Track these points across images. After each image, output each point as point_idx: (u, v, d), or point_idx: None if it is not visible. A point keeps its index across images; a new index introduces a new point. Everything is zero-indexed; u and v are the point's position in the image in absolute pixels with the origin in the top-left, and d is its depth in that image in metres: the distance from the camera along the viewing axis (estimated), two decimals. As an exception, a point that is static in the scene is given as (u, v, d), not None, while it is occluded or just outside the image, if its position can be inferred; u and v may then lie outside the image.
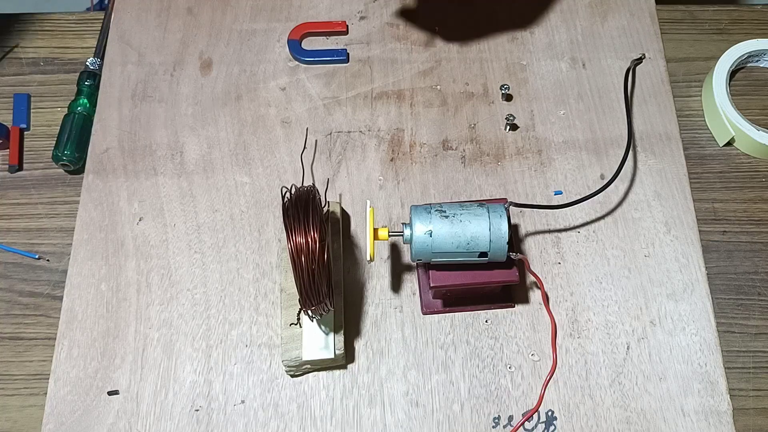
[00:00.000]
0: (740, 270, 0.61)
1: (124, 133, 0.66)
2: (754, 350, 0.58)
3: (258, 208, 0.63)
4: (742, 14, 0.73)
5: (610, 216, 0.62)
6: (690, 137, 0.67)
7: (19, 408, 0.57)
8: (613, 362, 0.57)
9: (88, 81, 0.68)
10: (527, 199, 0.63)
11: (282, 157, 0.65)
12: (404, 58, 0.70)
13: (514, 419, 0.55)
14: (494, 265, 0.53)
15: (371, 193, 0.63)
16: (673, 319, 0.58)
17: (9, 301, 0.60)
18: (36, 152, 0.67)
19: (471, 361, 0.57)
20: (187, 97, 0.68)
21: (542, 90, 0.68)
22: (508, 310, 0.59)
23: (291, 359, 0.54)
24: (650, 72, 0.69)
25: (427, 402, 0.55)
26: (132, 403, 0.55)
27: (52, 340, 0.58)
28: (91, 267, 0.60)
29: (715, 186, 0.65)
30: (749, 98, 0.69)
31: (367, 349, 0.57)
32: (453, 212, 0.51)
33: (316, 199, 0.49)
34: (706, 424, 0.54)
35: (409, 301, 0.59)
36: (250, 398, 0.56)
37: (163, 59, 0.70)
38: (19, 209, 0.64)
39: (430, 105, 0.67)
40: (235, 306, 0.59)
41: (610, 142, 0.65)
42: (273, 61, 0.69)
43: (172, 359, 0.57)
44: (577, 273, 0.60)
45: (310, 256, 0.46)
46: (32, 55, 0.71)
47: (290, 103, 0.67)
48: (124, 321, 0.58)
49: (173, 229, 0.62)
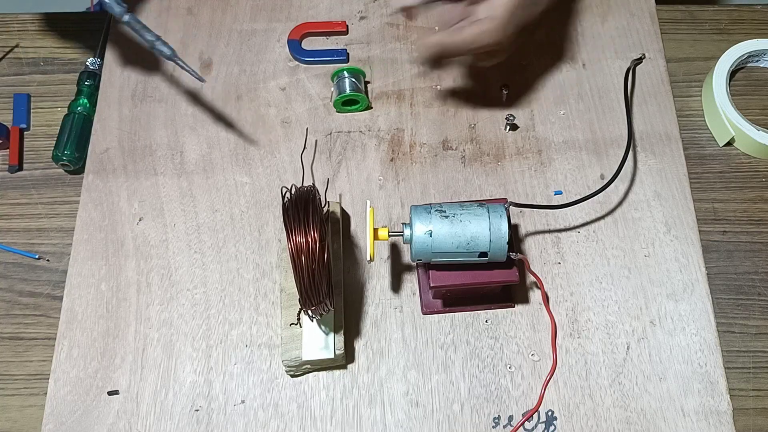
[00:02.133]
0: (740, 270, 0.61)
1: (124, 133, 0.66)
2: (754, 350, 0.58)
3: (258, 208, 0.63)
4: (742, 14, 0.73)
5: (610, 216, 0.62)
6: (690, 137, 0.67)
7: (19, 408, 0.57)
8: (613, 362, 0.57)
9: (88, 81, 0.68)
10: (527, 199, 0.63)
11: (282, 157, 0.65)
12: (404, 58, 0.70)
13: (514, 419, 0.55)
14: (494, 265, 0.53)
15: (371, 193, 0.63)
16: (673, 319, 0.58)
17: (9, 301, 0.60)
18: (36, 152, 0.67)
19: (471, 361, 0.57)
20: (187, 97, 0.68)
21: (542, 90, 0.68)
22: (508, 310, 0.59)
23: (291, 359, 0.54)
24: (650, 72, 0.69)
25: (427, 402, 0.55)
26: (132, 403, 0.55)
27: (52, 340, 0.58)
28: (91, 267, 0.60)
29: (715, 186, 0.65)
30: (749, 98, 0.69)
31: (367, 349, 0.57)
32: (453, 212, 0.51)
33: (316, 199, 0.49)
34: (706, 424, 0.54)
35: (409, 301, 0.59)
36: (250, 398, 0.56)
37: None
38: (19, 209, 0.64)
39: (430, 105, 0.67)
40: (235, 306, 0.59)
41: (610, 142, 0.65)
42: (273, 61, 0.69)
43: (172, 359, 0.57)
44: (577, 273, 0.60)
45: (310, 256, 0.46)
46: (32, 55, 0.71)
47: (290, 103, 0.67)
48: (124, 321, 0.58)
49: (173, 229, 0.62)
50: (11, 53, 0.71)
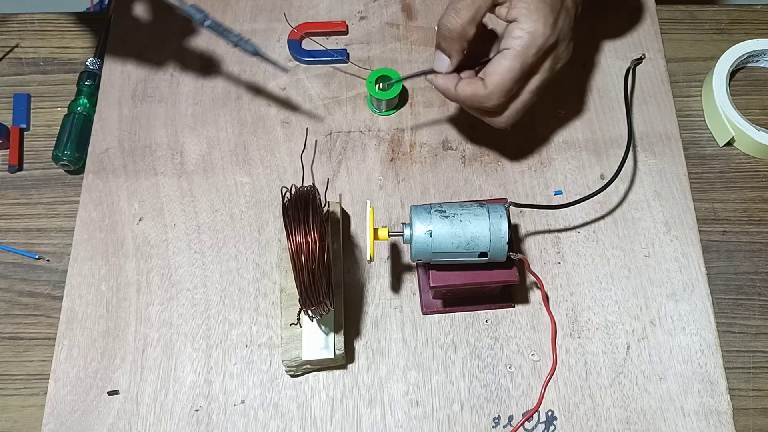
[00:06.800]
0: (740, 270, 0.61)
1: (124, 133, 0.66)
2: (754, 350, 0.58)
3: (258, 208, 0.63)
4: (742, 14, 0.73)
5: (610, 216, 0.62)
6: (690, 137, 0.67)
7: (19, 408, 0.57)
8: (613, 362, 0.57)
9: (88, 81, 0.68)
10: (527, 199, 0.63)
11: (282, 157, 0.65)
12: (404, 58, 0.70)
13: (514, 419, 0.55)
14: (494, 265, 0.53)
15: (371, 193, 0.63)
16: (673, 319, 0.58)
17: (9, 301, 0.60)
18: (36, 152, 0.67)
19: (471, 361, 0.57)
20: (187, 97, 0.68)
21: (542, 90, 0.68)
22: (508, 310, 0.59)
23: (291, 359, 0.54)
24: (650, 72, 0.69)
25: (427, 402, 0.55)
26: (132, 403, 0.55)
27: (52, 340, 0.58)
28: (91, 267, 0.60)
29: (715, 186, 0.65)
30: (749, 98, 0.69)
31: (367, 349, 0.57)
32: (453, 212, 0.51)
33: (316, 199, 0.49)
34: (706, 424, 0.54)
35: (409, 301, 0.59)
36: (250, 398, 0.56)
37: (163, 59, 0.69)
38: (19, 209, 0.64)
39: (430, 105, 0.67)
40: (235, 306, 0.59)
41: (610, 142, 0.65)
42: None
43: (172, 359, 0.57)
44: (577, 273, 0.60)
45: (310, 256, 0.46)
46: (32, 55, 0.71)
47: (290, 103, 0.67)
48: (124, 321, 0.58)
49: (173, 229, 0.62)
50: (11, 53, 0.71)
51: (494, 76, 0.54)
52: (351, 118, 0.67)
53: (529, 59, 0.53)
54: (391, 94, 0.64)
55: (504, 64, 0.53)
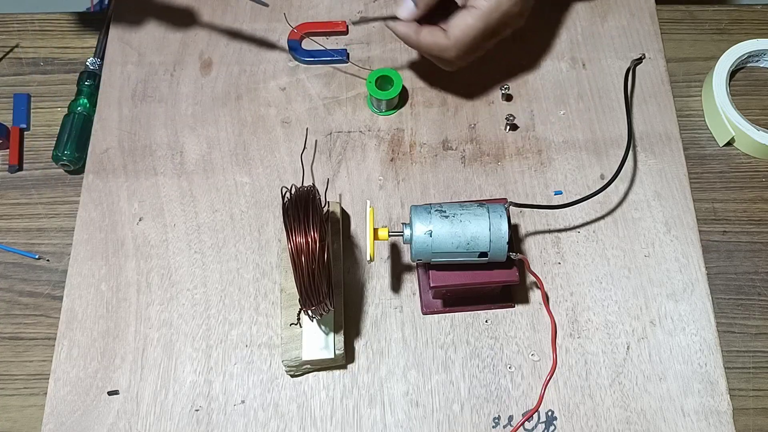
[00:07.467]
0: (740, 270, 0.61)
1: (124, 133, 0.66)
2: (754, 350, 0.58)
3: (258, 208, 0.63)
4: (742, 14, 0.73)
5: (610, 216, 0.62)
6: (690, 137, 0.67)
7: (19, 408, 0.57)
8: (613, 362, 0.57)
9: (88, 81, 0.68)
10: (527, 199, 0.63)
11: (282, 157, 0.65)
12: (404, 58, 0.70)
13: (514, 419, 0.55)
14: (494, 265, 0.53)
15: (371, 193, 0.63)
16: (673, 319, 0.58)
17: (9, 301, 0.60)
18: (36, 152, 0.67)
19: (471, 361, 0.57)
20: (187, 97, 0.68)
21: (542, 90, 0.68)
22: (508, 310, 0.59)
23: (291, 359, 0.54)
24: (650, 72, 0.69)
25: (427, 402, 0.55)
26: (132, 403, 0.55)
27: (52, 340, 0.58)
28: (91, 267, 0.60)
29: (715, 186, 0.65)
30: (749, 98, 0.69)
31: (367, 349, 0.57)
32: (453, 212, 0.51)
33: (316, 199, 0.49)
34: (706, 424, 0.54)
35: (409, 301, 0.59)
36: (250, 398, 0.56)
37: (163, 59, 0.70)
38: (19, 209, 0.64)
39: (430, 105, 0.67)
40: (235, 306, 0.59)
41: (610, 142, 0.65)
42: (273, 61, 0.69)
43: (172, 359, 0.57)
44: (577, 273, 0.60)
45: (310, 256, 0.46)
46: (32, 55, 0.71)
47: (290, 103, 0.67)
48: (124, 321, 0.58)
49: (173, 229, 0.62)
50: (11, 53, 0.71)
51: (456, 30, 0.57)
52: (351, 118, 0.67)
53: (493, 21, 0.57)
54: (391, 94, 0.64)
55: (468, 21, 0.57)
